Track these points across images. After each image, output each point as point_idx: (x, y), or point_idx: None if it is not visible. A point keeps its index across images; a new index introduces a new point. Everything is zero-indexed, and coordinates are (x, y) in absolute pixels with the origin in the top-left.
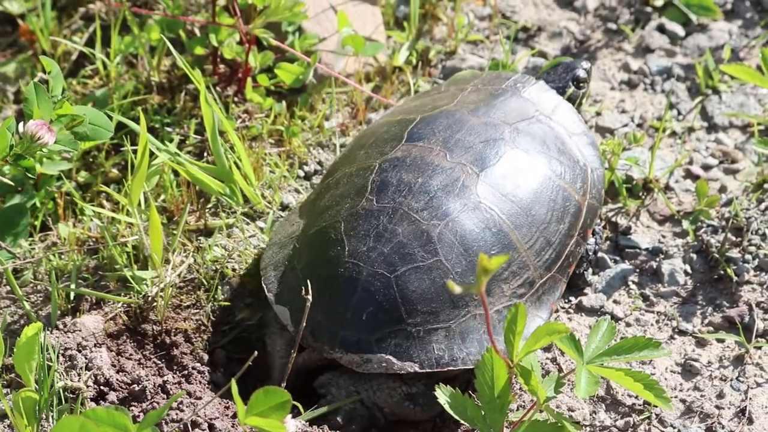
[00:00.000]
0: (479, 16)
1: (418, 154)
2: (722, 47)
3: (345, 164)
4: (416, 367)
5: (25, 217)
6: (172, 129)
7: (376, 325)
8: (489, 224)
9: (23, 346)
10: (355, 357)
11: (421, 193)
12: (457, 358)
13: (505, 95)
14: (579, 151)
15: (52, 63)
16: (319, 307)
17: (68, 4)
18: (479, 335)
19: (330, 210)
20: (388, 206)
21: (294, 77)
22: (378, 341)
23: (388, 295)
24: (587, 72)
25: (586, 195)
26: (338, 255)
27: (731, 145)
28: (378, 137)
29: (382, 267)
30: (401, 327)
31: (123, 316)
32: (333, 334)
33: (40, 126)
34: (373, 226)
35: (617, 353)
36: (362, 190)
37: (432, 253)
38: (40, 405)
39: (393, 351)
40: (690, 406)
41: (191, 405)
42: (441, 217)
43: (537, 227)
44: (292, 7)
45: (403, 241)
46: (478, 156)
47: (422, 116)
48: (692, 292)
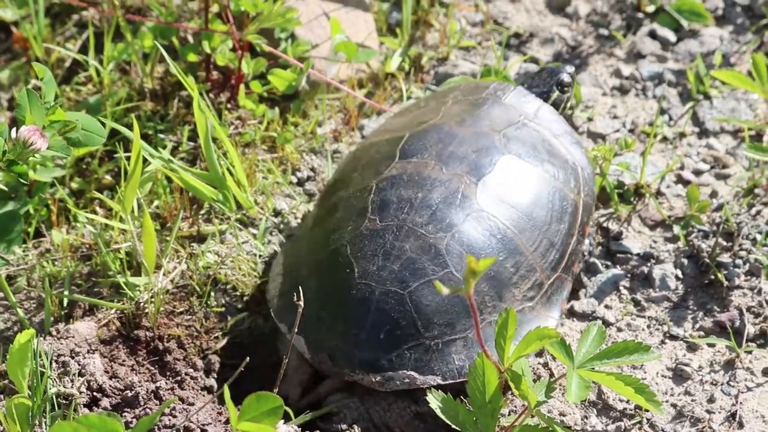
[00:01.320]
0: (471, 22)
1: (414, 170)
2: (713, 53)
3: (340, 188)
4: (439, 379)
5: (18, 223)
6: (165, 136)
7: (393, 342)
8: (493, 231)
9: (16, 352)
10: (377, 377)
11: (423, 207)
12: (464, 367)
13: (487, 104)
14: (567, 151)
15: (44, 69)
16: (335, 332)
17: (62, 11)
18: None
19: (333, 234)
20: (392, 224)
21: (287, 84)
22: (398, 358)
23: (403, 311)
24: (571, 76)
25: (581, 193)
26: (348, 278)
27: (722, 151)
28: (370, 158)
29: (394, 285)
30: (419, 341)
31: (116, 322)
32: (351, 356)
33: (32, 132)
34: (380, 245)
35: (608, 357)
36: (363, 212)
37: (442, 266)
38: (33, 411)
39: (414, 366)
40: (681, 411)
41: (184, 411)
42: (446, 229)
43: (539, 229)
44: (284, 14)
45: (412, 256)
46: (473, 165)
47: (411, 132)
48: (683, 296)
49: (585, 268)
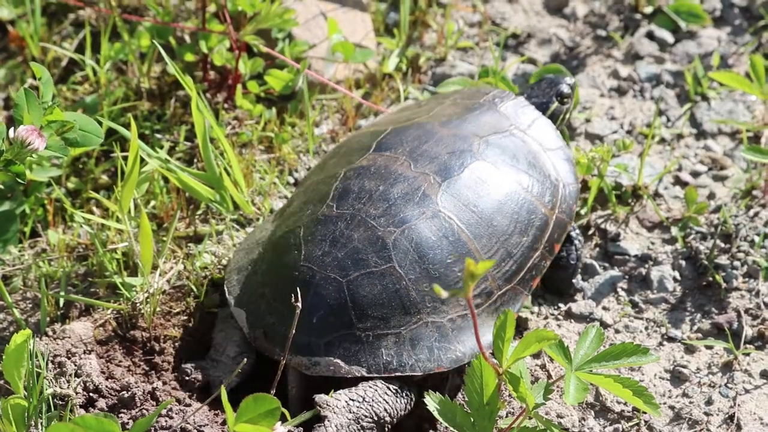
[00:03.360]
0: (469, 22)
1: (383, 163)
2: (711, 54)
3: (316, 173)
4: (363, 371)
5: (14, 223)
6: (162, 135)
7: (326, 328)
8: (447, 233)
9: (12, 353)
10: (304, 360)
11: (381, 200)
12: (405, 364)
13: (481, 109)
14: (552, 166)
15: (42, 69)
16: (274, 310)
17: (58, 10)
18: (430, 343)
19: (294, 216)
20: (347, 212)
21: (284, 84)
22: (327, 345)
23: (338, 299)
24: (571, 88)
25: (555, 209)
26: (295, 259)
27: (720, 152)
28: (349, 147)
29: (334, 271)
30: (351, 331)
31: (112, 322)
32: (284, 336)
33: (30, 132)
34: (331, 232)
35: (606, 360)
36: (325, 197)
37: (386, 260)
38: (29, 412)
39: (341, 355)
40: (679, 413)
41: (181, 412)
42: (398, 224)
43: (498, 238)
44: (282, 14)
45: (358, 246)
46: (442, 166)
47: (394, 127)
48: (681, 298)
49: (577, 270)
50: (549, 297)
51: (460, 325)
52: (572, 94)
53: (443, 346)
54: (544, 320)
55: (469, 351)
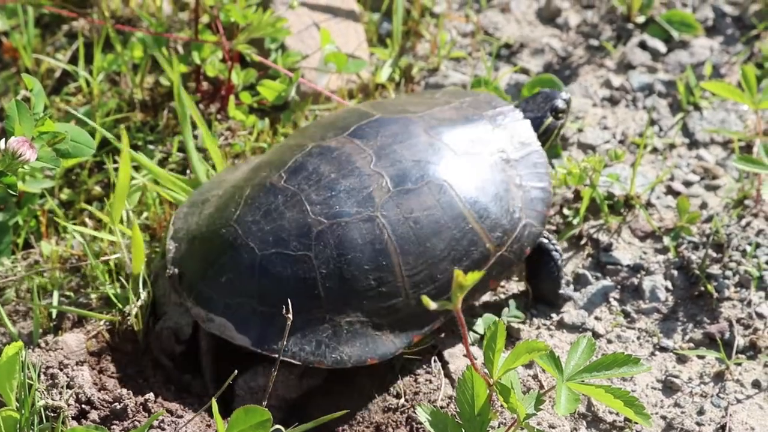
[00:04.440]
0: (462, 32)
1: (348, 150)
2: (703, 64)
3: (294, 136)
4: (249, 343)
5: (7, 235)
6: (155, 146)
7: (230, 291)
8: (374, 240)
9: (4, 364)
10: (202, 312)
11: (326, 188)
12: (289, 350)
13: (477, 123)
14: (523, 204)
15: (33, 80)
16: (195, 257)
17: (52, 21)
18: (321, 337)
19: (253, 172)
20: (291, 189)
21: (276, 94)
22: (226, 306)
23: (250, 269)
24: (566, 102)
25: (502, 247)
26: (229, 216)
27: (712, 162)
28: (335, 120)
29: (255, 242)
30: (251, 303)
31: (105, 334)
32: (193, 284)
33: (21, 143)
34: (269, 202)
35: (597, 370)
36: (282, 165)
37: (305, 247)
38: (21, 424)
39: (235, 321)
40: (671, 423)
41: (173, 423)
42: (329, 217)
43: (426, 260)
44: (274, 23)
45: (285, 225)
46: (401, 172)
47: (381, 115)
48: (673, 308)
49: (560, 281)
50: (541, 307)
51: (357, 330)
52: (567, 109)
53: (332, 345)
54: (536, 330)
55: (355, 357)
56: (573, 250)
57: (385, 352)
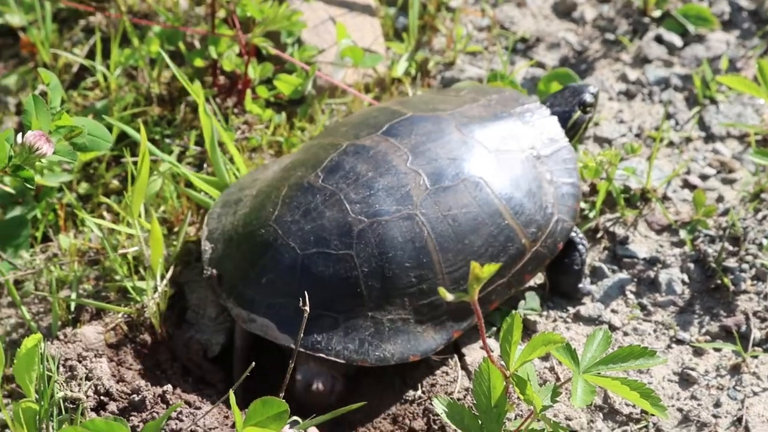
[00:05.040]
0: (478, 27)
1: (384, 149)
2: (720, 57)
3: (326, 134)
4: (291, 342)
5: (26, 228)
6: (172, 141)
7: (272, 291)
8: (414, 237)
9: (23, 356)
10: (243, 313)
11: (364, 186)
12: (333, 348)
13: (507, 121)
14: (555, 199)
15: (50, 75)
16: (235, 258)
17: (69, 16)
18: (363, 336)
19: (287, 172)
20: (329, 188)
21: (293, 88)
22: (268, 306)
23: (291, 268)
24: (594, 96)
25: (537, 242)
26: (267, 216)
27: (728, 155)
28: (365, 118)
29: (296, 241)
30: (293, 302)
31: (123, 326)
32: (233, 285)
33: (38, 137)
34: (307, 202)
35: (613, 362)
36: (318, 164)
37: (346, 246)
38: (40, 415)
39: (277, 321)
40: (687, 415)
41: (190, 415)
42: (370, 215)
43: (464, 256)
44: (290, 16)
45: (326, 225)
46: (437, 170)
47: (413, 114)
48: (689, 301)
49: (582, 274)
50: (557, 300)
51: (399, 327)
52: (595, 103)
53: (375, 343)
54: (553, 323)
55: (398, 354)
56: (589, 243)
57: (426, 349)
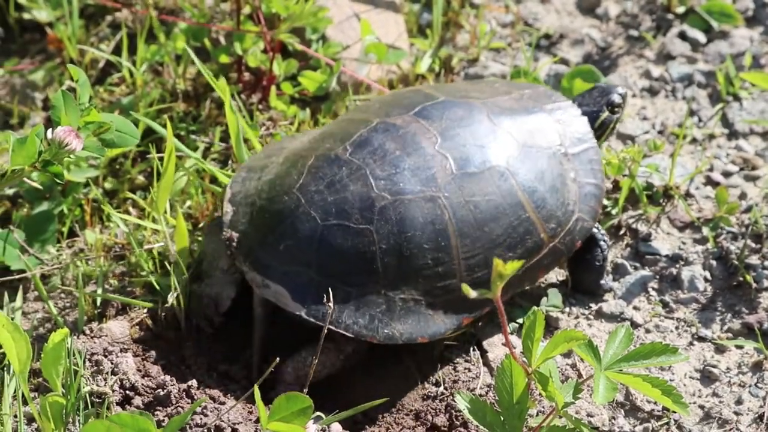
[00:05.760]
0: (501, 23)
1: (414, 130)
2: (743, 54)
3: (360, 109)
4: (303, 312)
5: (52, 223)
6: (197, 137)
7: (288, 259)
8: (435, 220)
9: (50, 351)
10: (258, 277)
11: (390, 164)
12: (343, 322)
13: (538, 116)
14: (577, 198)
15: (79, 71)
16: (256, 222)
17: (96, 12)
18: (374, 312)
19: (316, 143)
20: (356, 162)
21: (317, 85)
22: (283, 274)
23: (310, 238)
24: (623, 97)
25: (555, 238)
26: (292, 183)
27: (752, 152)
28: (398, 98)
29: (317, 211)
30: (308, 272)
31: (148, 321)
32: (251, 249)
33: (67, 133)
34: (333, 174)
35: (635, 359)
36: (347, 138)
37: (367, 221)
38: (66, 409)
39: (291, 289)
40: (708, 412)
41: (215, 410)
42: (393, 193)
43: (482, 244)
44: (316, 13)
45: (348, 198)
46: (464, 156)
47: (446, 98)
48: (712, 298)
49: (604, 271)
50: (580, 297)
51: (411, 308)
52: (623, 103)
53: (385, 320)
54: (575, 320)
55: (406, 334)
56: (612, 240)
57: (435, 332)
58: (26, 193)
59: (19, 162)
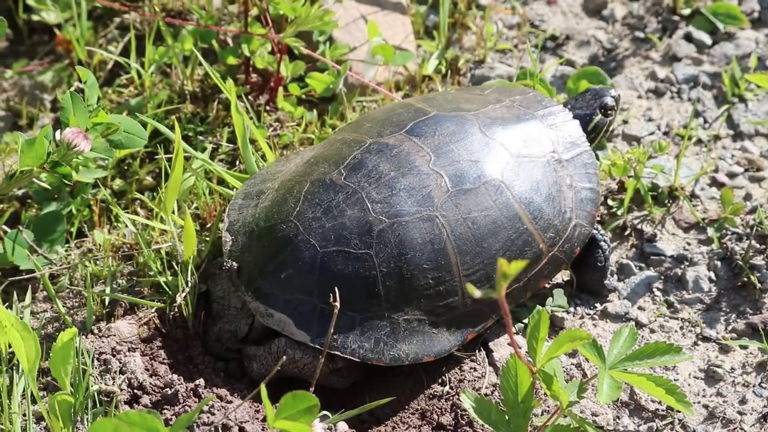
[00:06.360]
0: (508, 25)
1: (407, 149)
2: (749, 56)
3: (349, 129)
4: (308, 339)
5: (61, 223)
6: (205, 138)
7: (290, 287)
8: (433, 239)
9: (59, 350)
10: (261, 307)
11: (386, 186)
12: (348, 346)
13: (529, 123)
14: (574, 204)
15: (87, 73)
16: (255, 251)
17: (104, 14)
18: (379, 335)
19: (309, 167)
20: (351, 186)
21: (324, 86)
22: (286, 302)
23: (310, 265)
24: (616, 100)
25: (554, 247)
26: (289, 211)
27: (757, 153)
28: (390, 116)
29: (316, 238)
30: (311, 299)
31: (156, 321)
32: (252, 278)
33: (76, 134)
34: (329, 199)
35: (639, 359)
36: (340, 162)
37: (366, 245)
38: (75, 408)
39: (295, 317)
40: (712, 412)
41: (222, 408)
42: (390, 216)
43: (482, 259)
44: (322, 16)
45: (346, 223)
46: (459, 172)
47: (437, 113)
48: (716, 298)
49: (607, 271)
50: (585, 297)
51: (415, 328)
52: (616, 106)
53: (390, 342)
54: (580, 320)
55: (412, 354)
56: (617, 240)
57: (440, 350)
58: (35, 194)
59: (28, 163)
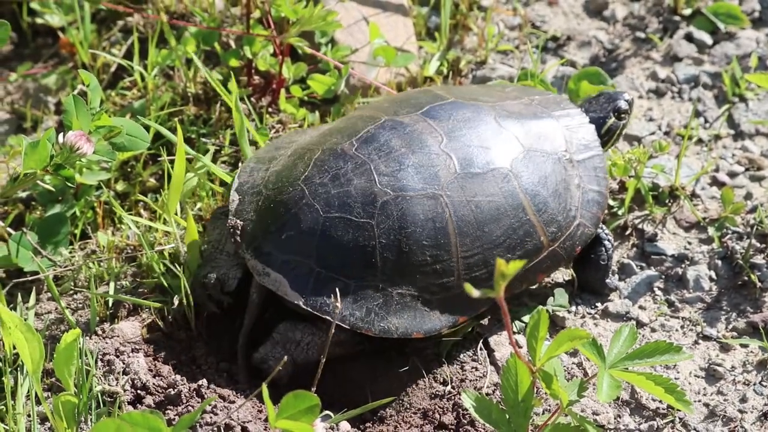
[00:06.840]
0: (509, 26)
1: (420, 128)
2: (749, 55)
3: (370, 108)
4: (301, 301)
5: (65, 225)
6: (208, 140)
7: (289, 248)
8: (435, 217)
9: (63, 351)
10: (259, 265)
11: (395, 161)
12: (339, 313)
13: (545, 121)
14: (580, 203)
15: (90, 76)
16: (260, 212)
17: (107, 17)
18: (371, 305)
19: (323, 137)
20: (361, 157)
21: (326, 88)
22: (284, 263)
23: (310, 230)
24: (629, 104)
25: (555, 242)
26: (297, 175)
27: (757, 153)
28: (408, 98)
29: (320, 203)
30: (308, 262)
31: (159, 322)
32: (254, 237)
33: (78, 137)
34: (338, 167)
35: (639, 357)
36: (354, 134)
37: (368, 215)
38: (79, 408)
39: (291, 278)
40: (713, 410)
41: (225, 408)
42: (395, 189)
43: (481, 244)
44: (325, 17)
45: (352, 191)
46: (468, 156)
47: (455, 99)
48: (717, 297)
49: (610, 270)
50: (586, 296)
51: (407, 303)
52: (629, 110)
53: (381, 314)
54: (581, 319)
55: (402, 328)
56: (618, 240)
57: (430, 328)
58: (39, 196)
59: (31, 165)
